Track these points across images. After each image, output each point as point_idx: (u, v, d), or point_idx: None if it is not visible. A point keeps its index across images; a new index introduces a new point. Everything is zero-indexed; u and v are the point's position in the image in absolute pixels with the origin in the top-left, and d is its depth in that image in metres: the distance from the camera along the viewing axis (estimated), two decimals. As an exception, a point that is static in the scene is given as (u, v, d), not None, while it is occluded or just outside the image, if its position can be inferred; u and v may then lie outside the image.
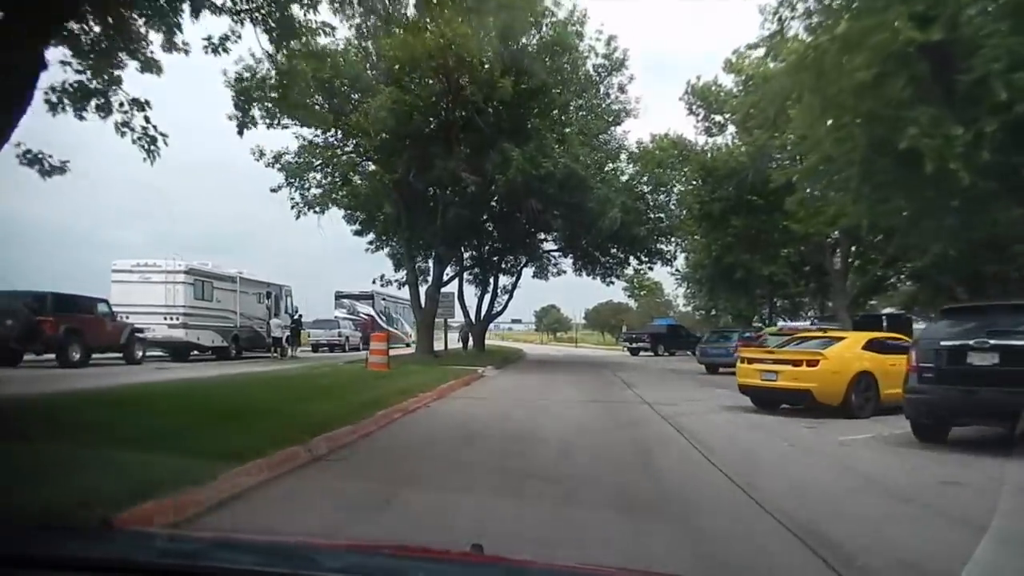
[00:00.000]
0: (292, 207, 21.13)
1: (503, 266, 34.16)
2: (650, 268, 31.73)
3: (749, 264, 40.30)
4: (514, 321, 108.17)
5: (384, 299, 41.22)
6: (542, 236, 30.53)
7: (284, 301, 29.08)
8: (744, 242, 34.04)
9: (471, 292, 35.03)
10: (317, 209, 20.97)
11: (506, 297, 34.94)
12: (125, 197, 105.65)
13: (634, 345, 40.96)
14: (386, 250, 27.51)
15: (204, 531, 3.54)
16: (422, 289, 24.09)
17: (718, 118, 30.45)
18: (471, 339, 31.88)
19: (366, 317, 40.19)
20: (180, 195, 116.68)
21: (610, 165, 26.04)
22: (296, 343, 29.00)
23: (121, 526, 2.60)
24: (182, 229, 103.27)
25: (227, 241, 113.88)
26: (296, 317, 29.23)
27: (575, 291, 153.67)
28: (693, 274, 44.83)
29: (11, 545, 1.42)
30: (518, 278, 35.50)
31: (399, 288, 28.50)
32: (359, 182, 23.05)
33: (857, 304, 38.94)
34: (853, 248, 29.35)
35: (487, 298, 34.28)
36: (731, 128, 30.43)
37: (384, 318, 41.71)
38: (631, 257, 31.29)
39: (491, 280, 33.99)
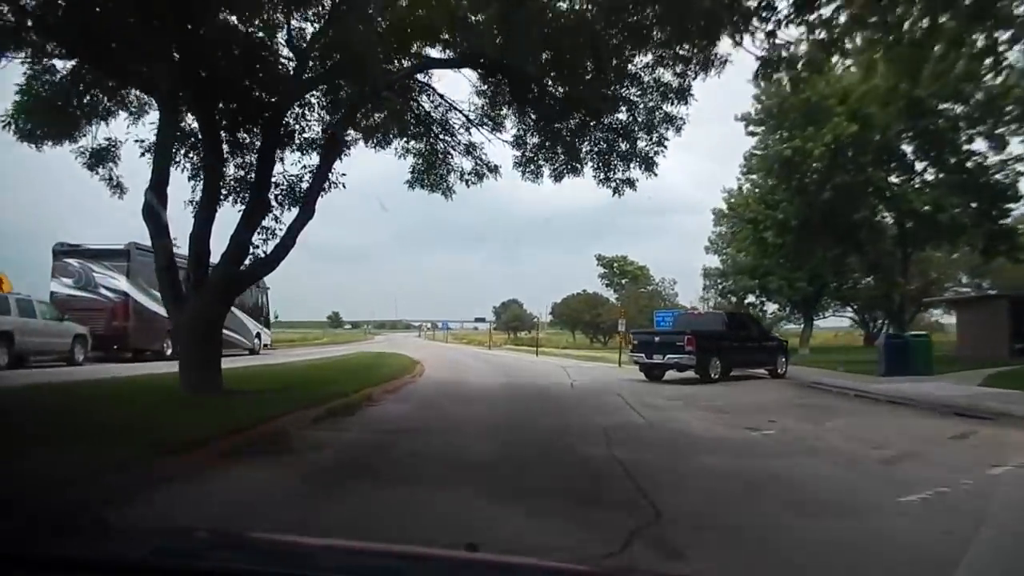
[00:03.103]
0: None
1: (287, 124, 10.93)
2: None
3: (888, 188, 20.39)
4: (477, 320, 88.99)
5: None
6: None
7: None
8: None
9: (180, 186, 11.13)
10: None
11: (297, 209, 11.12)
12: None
13: (657, 360, 19.62)
14: None
15: (202, 530, 2.96)
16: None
17: None
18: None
19: (114, 297, 20.05)
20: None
21: None
22: None
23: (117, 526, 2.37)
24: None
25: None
26: None
27: (545, 278, 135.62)
28: (762, 218, 24.47)
29: (9, 544, 1.40)
30: (328, 155, 11.45)
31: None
32: None
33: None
34: None
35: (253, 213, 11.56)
36: None
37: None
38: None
39: (235, 147, 10.79)
